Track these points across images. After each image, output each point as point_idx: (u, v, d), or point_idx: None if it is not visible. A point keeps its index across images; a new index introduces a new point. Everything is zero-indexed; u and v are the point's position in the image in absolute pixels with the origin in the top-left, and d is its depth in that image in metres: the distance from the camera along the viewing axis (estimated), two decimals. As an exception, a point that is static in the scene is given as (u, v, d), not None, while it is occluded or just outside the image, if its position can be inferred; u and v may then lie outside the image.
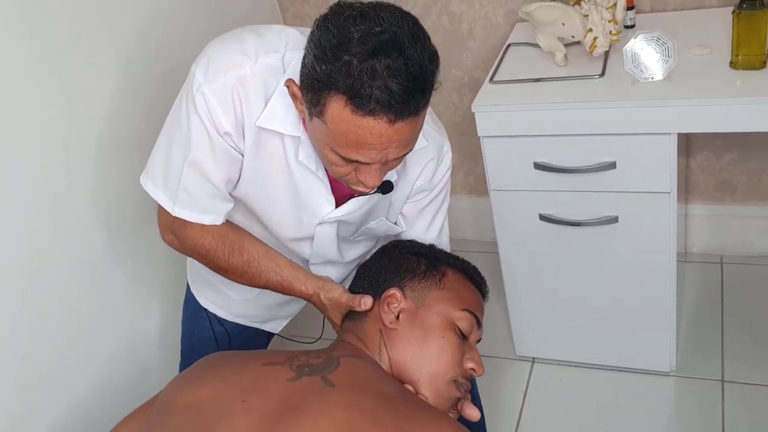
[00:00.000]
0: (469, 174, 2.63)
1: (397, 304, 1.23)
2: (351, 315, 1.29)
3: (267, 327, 1.62)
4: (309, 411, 1.02)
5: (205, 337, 1.59)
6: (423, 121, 1.10)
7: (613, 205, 1.81)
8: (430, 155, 1.34)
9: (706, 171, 2.32)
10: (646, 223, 1.80)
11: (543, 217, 1.89)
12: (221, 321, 1.58)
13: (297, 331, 1.74)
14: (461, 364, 1.22)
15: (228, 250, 1.29)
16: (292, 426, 1.00)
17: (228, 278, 1.33)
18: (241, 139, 1.20)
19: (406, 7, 2.27)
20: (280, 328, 1.64)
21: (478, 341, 1.29)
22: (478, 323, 1.27)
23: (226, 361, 1.19)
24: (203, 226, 1.26)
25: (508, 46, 2.04)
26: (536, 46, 1.90)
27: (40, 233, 1.55)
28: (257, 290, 1.42)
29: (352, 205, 1.31)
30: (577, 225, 1.86)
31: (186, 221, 1.26)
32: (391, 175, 1.28)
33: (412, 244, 1.38)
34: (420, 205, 1.42)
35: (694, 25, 1.94)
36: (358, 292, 1.29)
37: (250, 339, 1.61)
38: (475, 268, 1.38)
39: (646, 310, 1.94)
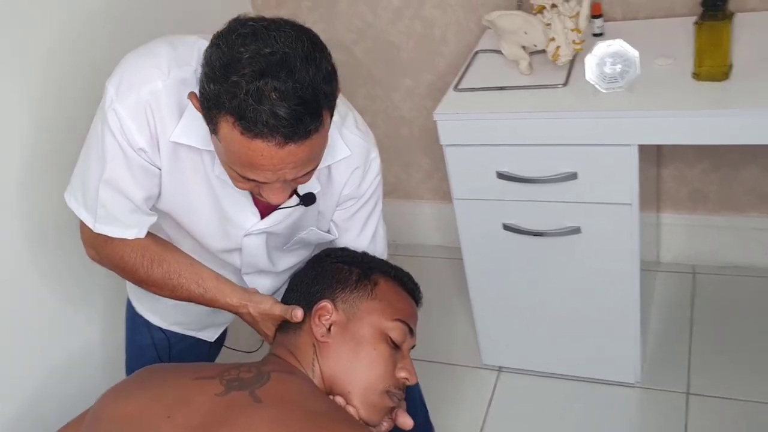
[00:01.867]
0: (443, 180, 2.61)
1: (328, 317, 1.22)
2: (284, 328, 1.27)
3: (202, 335, 1.61)
4: (233, 427, 1.01)
5: (144, 345, 1.58)
6: (323, 140, 1.08)
7: (575, 216, 1.79)
8: (355, 163, 1.32)
9: (678, 180, 2.31)
10: (609, 234, 1.78)
11: (506, 227, 1.87)
12: (160, 327, 1.57)
13: (238, 341, 1.72)
14: (393, 374, 1.21)
15: (148, 262, 1.27)
16: None
17: (150, 291, 1.32)
18: (157, 154, 1.18)
19: (377, 11, 2.32)
20: (216, 336, 1.63)
21: (412, 348, 1.28)
22: (411, 332, 1.26)
23: (157, 374, 1.18)
24: (124, 240, 1.25)
25: (476, 53, 2.02)
26: (502, 53, 1.88)
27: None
28: None
29: (276, 217, 1.30)
30: (540, 235, 1.84)
31: (108, 236, 1.25)
32: (314, 186, 1.27)
33: (344, 252, 1.37)
34: (349, 212, 1.40)
35: (662, 34, 1.93)
36: (291, 304, 1.27)
37: (191, 347, 1.60)
38: (408, 275, 1.36)
39: (610, 322, 1.93)
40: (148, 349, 1.59)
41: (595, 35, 1.94)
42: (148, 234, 1.27)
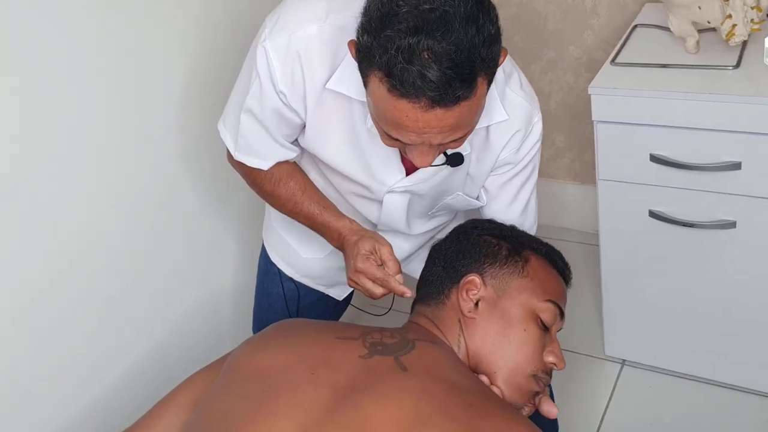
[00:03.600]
0: (576, 159, 2.50)
1: (476, 291, 1.16)
2: (424, 298, 1.23)
3: (331, 292, 1.58)
4: (377, 392, 0.98)
5: (274, 294, 1.58)
6: (475, 107, 1.00)
7: (732, 209, 1.66)
8: (516, 126, 1.24)
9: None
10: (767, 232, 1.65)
11: (653, 214, 1.76)
12: (291, 278, 1.56)
13: (365, 302, 1.68)
14: (541, 358, 1.15)
15: (276, 179, 1.29)
16: (358, 405, 0.96)
17: (270, 203, 1.35)
18: (299, 100, 1.16)
19: (527, -23, 2.21)
20: (344, 295, 1.60)
21: (559, 331, 1.22)
22: (562, 314, 1.19)
23: (297, 328, 1.16)
24: None
25: (635, 27, 1.90)
26: (665, 29, 1.76)
27: (125, 185, 1.56)
28: (327, 250, 1.39)
29: (420, 175, 1.24)
30: (690, 226, 1.72)
31: None
32: (464, 148, 1.19)
33: (492, 225, 1.30)
34: (503, 178, 1.32)
35: None
36: (433, 278, 1.22)
37: (317, 302, 1.58)
38: (559, 254, 1.28)
39: (755, 326, 1.80)
40: (278, 298, 1.58)
41: (775, 16, 1.78)
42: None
